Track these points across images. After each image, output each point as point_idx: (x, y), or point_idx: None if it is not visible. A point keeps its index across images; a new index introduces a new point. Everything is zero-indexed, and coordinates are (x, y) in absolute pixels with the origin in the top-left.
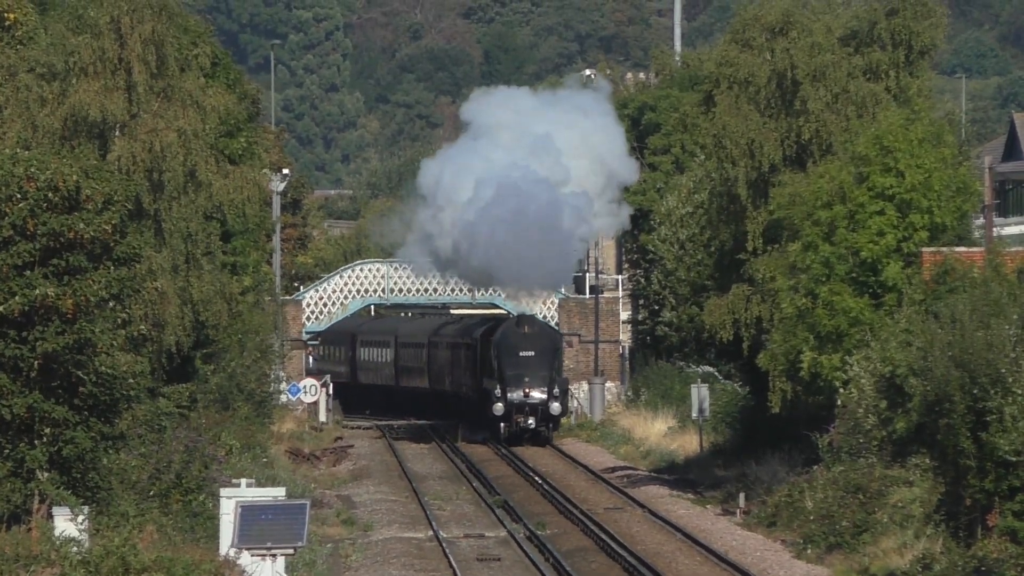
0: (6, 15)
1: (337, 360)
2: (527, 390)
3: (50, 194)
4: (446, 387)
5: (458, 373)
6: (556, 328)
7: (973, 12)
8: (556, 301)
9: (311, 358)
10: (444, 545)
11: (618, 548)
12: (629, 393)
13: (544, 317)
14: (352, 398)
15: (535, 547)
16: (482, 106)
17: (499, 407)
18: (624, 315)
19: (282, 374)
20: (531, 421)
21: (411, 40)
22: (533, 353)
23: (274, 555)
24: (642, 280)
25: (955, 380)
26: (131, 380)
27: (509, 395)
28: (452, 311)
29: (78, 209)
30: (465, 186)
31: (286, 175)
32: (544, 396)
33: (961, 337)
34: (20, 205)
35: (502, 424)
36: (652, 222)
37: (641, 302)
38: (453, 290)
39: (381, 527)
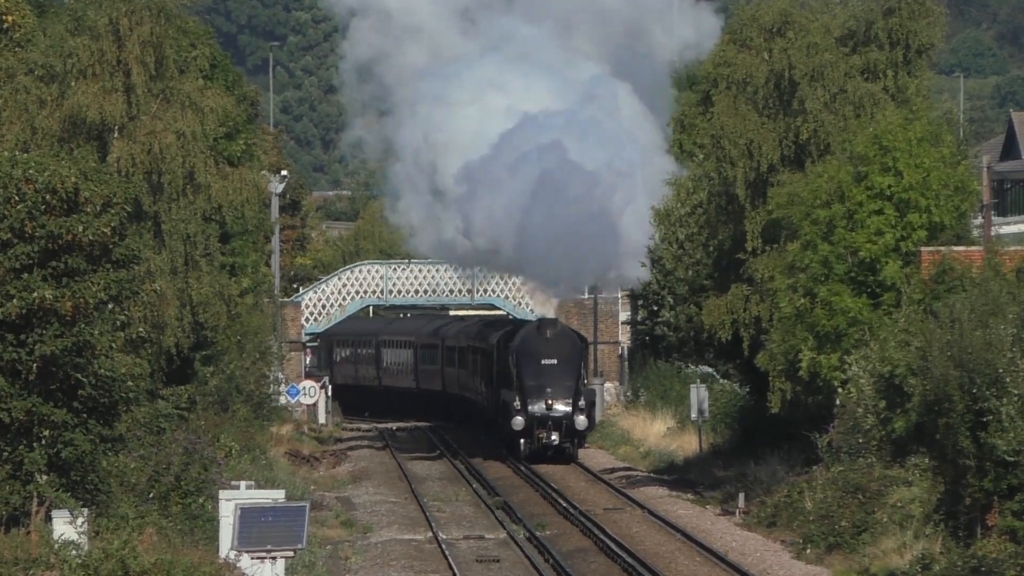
0: (4, 17)
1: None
2: (550, 402)
3: (49, 196)
4: (438, 388)
5: (461, 376)
6: (580, 333)
7: (971, 11)
8: (555, 302)
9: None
10: (443, 546)
11: (618, 549)
12: (628, 394)
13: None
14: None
15: (535, 548)
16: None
17: (519, 421)
18: (623, 315)
19: (281, 375)
20: (554, 436)
21: None
22: (556, 361)
23: (274, 557)
24: (640, 279)
25: (954, 380)
26: (130, 382)
27: (530, 407)
28: (451, 312)
29: (77, 211)
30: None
31: (285, 176)
32: (568, 409)
33: (960, 336)
34: (18, 207)
35: (522, 440)
36: (651, 221)
37: (640, 302)
38: (452, 291)
39: (381, 529)
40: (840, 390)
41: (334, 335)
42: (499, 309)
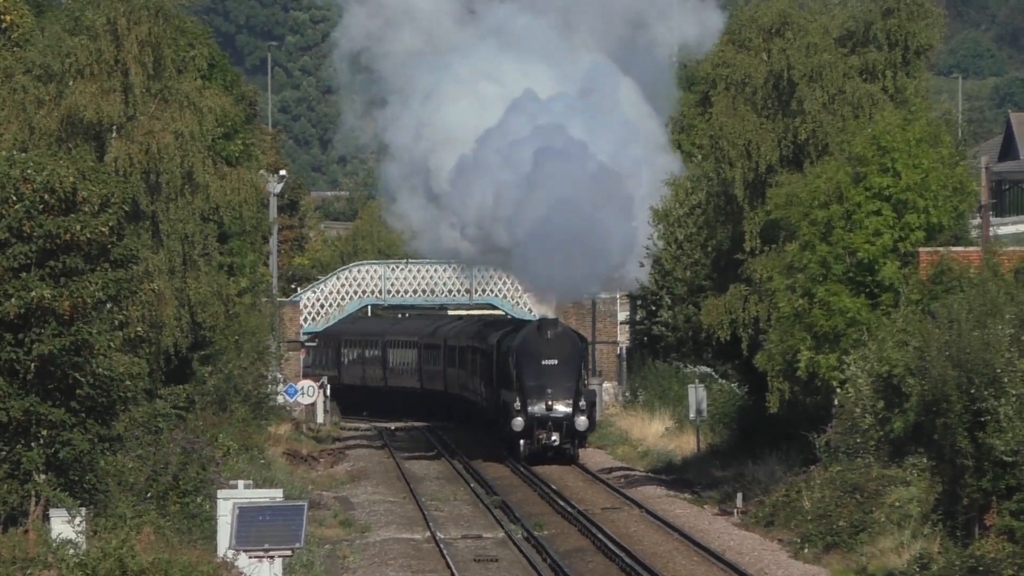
0: (3, 17)
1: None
2: (550, 403)
3: (46, 196)
4: (440, 388)
5: (461, 377)
6: (581, 334)
7: (970, 12)
8: (553, 302)
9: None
10: (441, 546)
11: (615, 548)
12: (627, 394)
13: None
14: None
15: (532, 547)
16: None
17: (519, 422)
18: (621, 315)
19: (279, 375)
20: (555, 437)
21: None
22: (556, 362)
23: (272, 556)
24: (639, 280)
25: (952, 380)
26: (128, 382)
27: (530, 408)
28: (449, 312)
29: (75, 211)
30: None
31: (283, 176)
32: (569, 409)
33: (958, 337)
34: (16, 207)
35: (522, 441)
36: (649, 222)
37: (638, 302)
38: (450, 291)
39: (379, 528)
40: (838, 390)
41: (343, 335)
42: (497, 309)
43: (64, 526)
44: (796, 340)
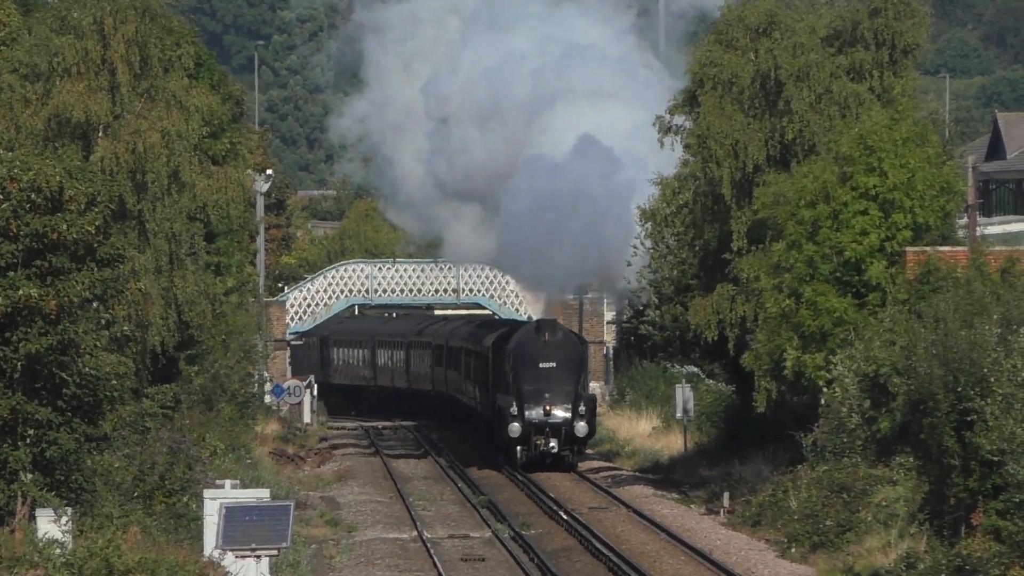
0: None
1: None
2: (548, 407)
3: (33, 195)
4: (444, 391)
5: (457, 379)
6: (580, 335)
7: (956, 12)
8: (542, 301)
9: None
10: (428, 545)
11: (602, 548)
12: (614, 393)
13: (529, 319)
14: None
15: (520, 547)
16: None
17: (515, 427)
18: (608, 315)
19: (266, 375)
20: (553, 444)
21: None
22: (555, 364)
23: (258, 556)
24: (626, 280)
25: (938, 379)
26: (115, 381)
27: (527, 413)
28: (436, 312)
29: (61, 210)
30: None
31: (270, 176)
32: (568, 415)
33: (944, 336)
34: (3, 206)
35: (518, 447)
36: (637, 221)
37: (625, 302)
38: (437, 291)
39: (365, 528)
40: (825, 390)
41: (377, 335)
42: (485, 309)
43: (50, 526)
44: (783, 340)
